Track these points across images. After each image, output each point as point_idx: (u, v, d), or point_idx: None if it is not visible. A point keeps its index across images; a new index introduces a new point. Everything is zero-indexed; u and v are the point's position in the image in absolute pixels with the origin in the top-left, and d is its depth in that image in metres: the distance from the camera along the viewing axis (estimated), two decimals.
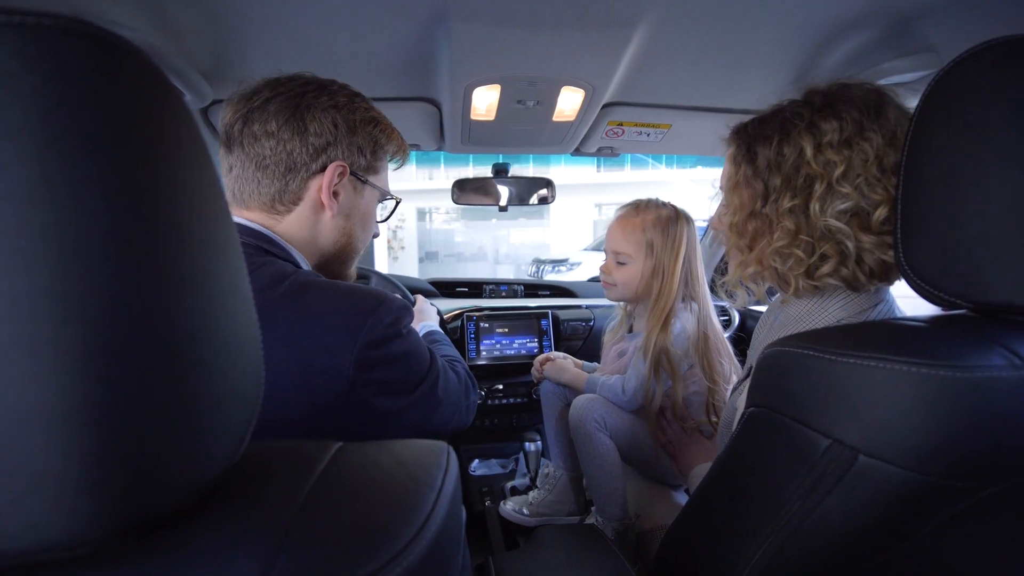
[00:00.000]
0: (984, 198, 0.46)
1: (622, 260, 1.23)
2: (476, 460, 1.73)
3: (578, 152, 1.50)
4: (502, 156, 1.71)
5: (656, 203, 1.25)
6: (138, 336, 0.24)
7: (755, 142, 0.74)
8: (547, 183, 1.70)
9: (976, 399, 0.43)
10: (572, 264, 8.50)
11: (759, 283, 0.78)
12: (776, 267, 0.72)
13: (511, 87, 1.06)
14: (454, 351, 0.97)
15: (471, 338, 1.69)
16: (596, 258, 8.59)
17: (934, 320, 0.51)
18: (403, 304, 0.72)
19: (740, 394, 0.76)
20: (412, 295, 1.27)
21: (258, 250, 0.71)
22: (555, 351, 1.73)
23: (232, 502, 0.30)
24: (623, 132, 1.34)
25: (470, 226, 14.86)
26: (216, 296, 0.28)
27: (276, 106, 0.72)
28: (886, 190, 0.65)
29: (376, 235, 0.90)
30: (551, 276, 8.09)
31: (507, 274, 13.03)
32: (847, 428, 0.47)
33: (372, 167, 0.80)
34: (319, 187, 0.74)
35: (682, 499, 1.23)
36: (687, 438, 1.18)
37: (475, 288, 2.08)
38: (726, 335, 1.30)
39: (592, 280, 2.33)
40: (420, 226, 14.20)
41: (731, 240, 0.79)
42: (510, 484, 1.56)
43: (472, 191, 1.69)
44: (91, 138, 0.22)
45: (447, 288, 2.07)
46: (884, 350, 0.46)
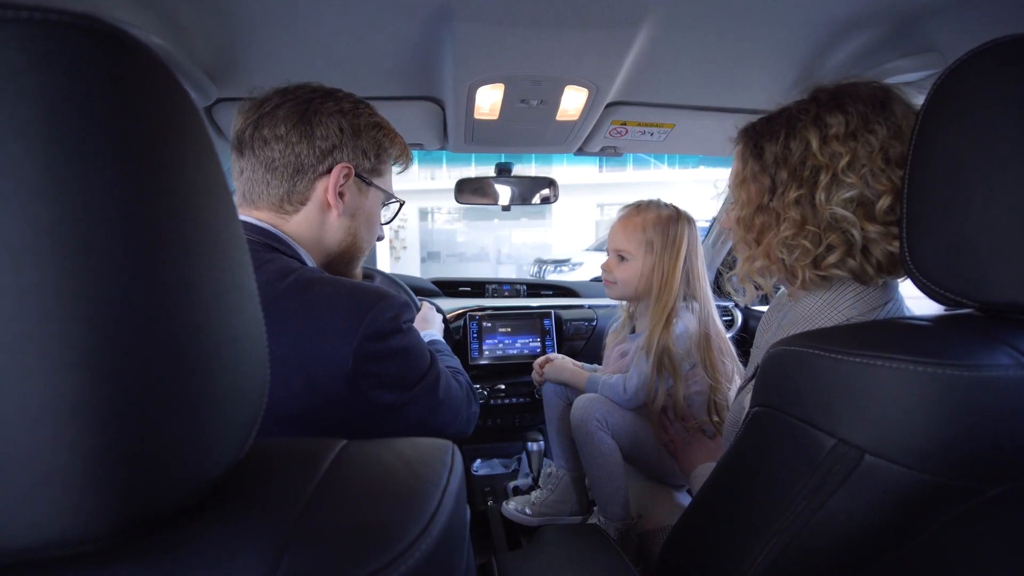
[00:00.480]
0: (989, 197, 0.46)
1: (623, 256, 1.24)
2: (478, 460, 1.73)
3: (581, 152, 1.50)
4: (504, 156, 1.71)
5: (658, 203, 1.26)
6: (145, 333, 0.24)
7: (762, 138, 0.76)
8: (550, 183, 1.70)
9: (982, 398, 0.43)
10: (574, 264, 8.49)
11: (767, 277, 0.79)
12: (783, 259, 0.73)
13: (515, 86, 1.06)
14: (457, 362, 0.98)
15: (474, 337, 1.69)
16: (598, 258, 8.55)
17: (940, 319, 0.51)
18: (404, 301, 0.73)
19: (747, 393, 0.77)
20: (418, 300, 1.27)
21: (265, 247, 0.73)
22: (556, 352, 1.73)
23: (237, 500, 0.30)
24: (626, 132, 1.34)
25: (472, 226, 14.86)
26: (222, 294, 0.28)
27: (285, 111, 0.75)
28: (890, 180, 0.66)
29: (381, 237, 0.91)
30: (553, 276, 8.08)
31: (509, 274, 13.04)
32: (853, 427, 0.47)
33: (376, 170, 0.83)
34: (325, 188, 0.77)
35: (684, 499, 1.22)
36: (689, 437, 1.18)
37: (478, 288, 2.08)
38: (728, 335, 1.30)
39: (595, 280, 2.32)
40: (422, 226, 14.21)
41: (739, 235, 0.80)
42: (512, 484, 1.56)
43: (475, 191, 1.69)
44: (98, 135, 0.22)
45: (450, 288, 2.06)
46: (890, 349, 0.46)
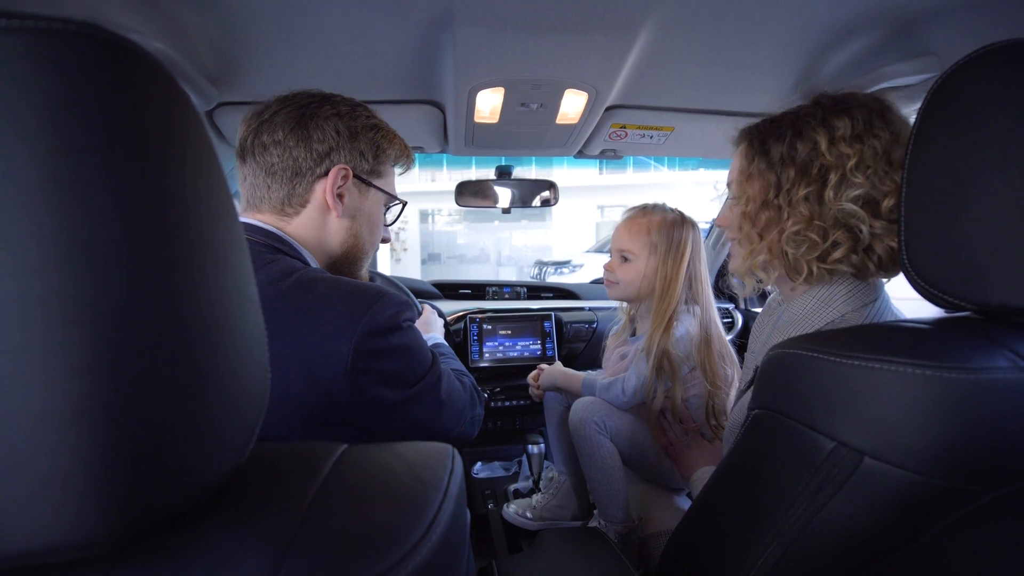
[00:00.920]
0: (986, 200, 0.46)
1: (627, 257, 1.24)
2: (479, 463, 1.73)
3: (581, 155, 1.51)
4: (504, 158, 1.72)
5: (663, 207, 1.27)
6: (147, 338, 0.24)
7: (768, 138, 0.79)
8: (550, 185, 1.70)
9: (980, 401, 0.43)
10: (575, 266, 8.49)
11: (768, 271, 0.82)
12: (790, 252, 0.76)
13: (514, 90, 1.06)
14: (460, 365, 0.99)
15: (474, 340, 1.69)
16: (599, 260, 8.55)
17: (938, 322, 0.51)
18: (404, 300, 0.75)
19: (747, 398, 0.76)
20: (419, 303, 1.28)
21: (269, 248, 0.74)
22: (556, 355, 1.73)
23: (239, 503, 0.30)
24: (626, 135, 1.34)
25: (472, 228, 14.87)
26: (223, 298, 0.28)
27: (282, 117, 0.77)
28: (894, 181, 0.70)
29: (386, 239, 0.92)
30: (554, 278, 8.09)
31: (509, 276, 13.03)
32: (852, 430, 0.47)
33: (376, 171, 0.84)
34: (324, 190, 0.78)
35: (684, 503, 1.22)
36: (688, 441, 1.18)
37: (478, 290, 2.08)
38: (728, 337, 1.30)
39: (595, 282, 2.32)
40: (422, 228, 14.22)
41: (742, 230, 0.83)
42: (513, 487, 1.56)
43: (475, 193, 1.70)
44: (102, 142, 0.23)
45: (450, 290, 2.07)
46: (889, 352, 0.46)
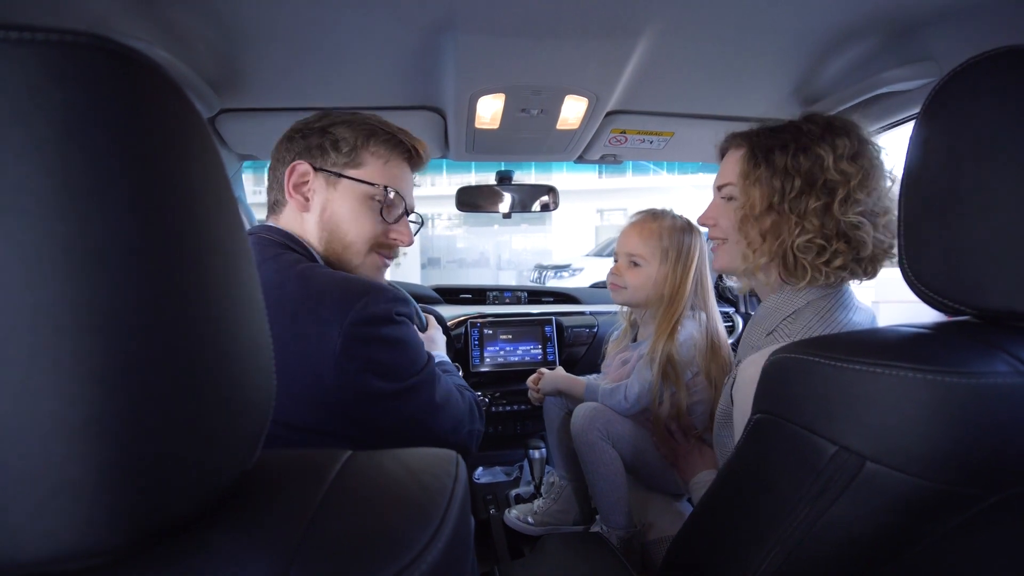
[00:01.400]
0: (986, 205, 0.46)
1: (637, 262, 1.23)
2: (480, 468, 1.73)
3: (581, 160, 1.51)
4: (504, 164, 1.72)
5: (671, 213, 1.26)
6: (156, 346, 0.24)
7: (773, 147, 0.84)
8: (550, 190, 1.71)
9: (981, 405, 0.43)
10: (575, 270, 8.49)
11: (768, 272, 0.87)
12: (799, 257, 0.82)
13: (515, 96, 1.07)
14: (463, 382, 1.00)
15: (475, 345, 1.69)
16: (598, 263, 8.57)
17: (939, 327, 0.52)
18: (400, 296, 0.77)
19: (730, 387, 0.86)
20: (424, 318, 1.28)
21: (279, 244, 0.81)
22: (558, 359, 1.73)
23: (245, 510, 0.30)
24: (626, 140, 1.35)
25: (472, 232, 14.87)
26: (231, 306, 0.28)
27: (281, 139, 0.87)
28: (890, 199, 0.79)
29: (400, 241, 0.91)
30: (553, 282, 8.08)
31: (509, 280, 13.03)
32: (854, 434, 0.48)
33: (355, 162, 0.85)
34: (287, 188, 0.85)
35: (686, 509, 1.22)
36: (690, 447, 1.18)
37: (479, 295, 2.08)
38: (730, 341, 1.30)
39: (595, 286, 2.32)
40: (422, 232, 14.06)
41: (742, 231, 0.87)
42: (514, 492, 1.55)
43: (476, 199, 1.70)
44: (112, 151, 0.23)
45: (451, 295, 2.07)
46: (890, 356, 0.46)
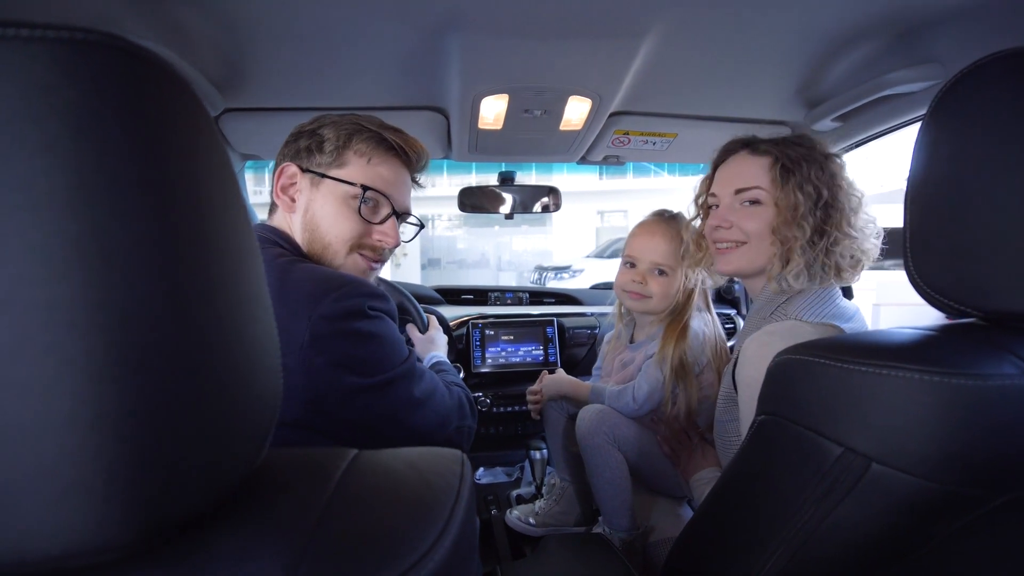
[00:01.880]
0: (992, 207, 0.46)
1: (664, 270, 1.19)
2: (481, 468, 1.73)
3: (584, 161, 1.51)
4: (505, 164, 1.72)
5: (679, 214, 1.23)
6: (167, 344, 0.24)
7: (798, 157, 0.91)
8: (552, 191, 1.71)
9: (988, 407, 0.43)
10: (575, 271, 8.50)
11: (799, 276, 0.91)
12: (834, 261, 0.89)
13: (519, 96, 1.07)
14: (458, 379, 1.00)
15: (476, 345, 1.69)
16: (599, 265, 8.58)
17: (946, 329, 0.52)
18: (375, 291, 0.77)
19: (731, 370, 0.92)
20: (426, 318, 1.28)
21: (266, 240, 0.82)
22: (559, 360, 1.73)
23: (253, 508, 0.30)
24: (629, 141, 1.35)
25: (472, 233, 14.88)
26: (240, 304, 0.28)
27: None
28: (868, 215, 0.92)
29: (385, 242, 0.88)
30: (554, 283, 8.09)
31: (509, 281, 13.04)
32: (860, 436, 0.47)
33: (340, 162, 0.84)
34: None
35: (688, 511, 1.22)
36: (693, 445, 1.18)
37: (480, 295, 2.08)
38: (730, 343, 1.30)
39: (595, 287, 2.32)
40: (422, 233, 14.10)
41: (776, 234, 0.91)
42: (515, 493, 1.55)
43: (478, 199, 1.70)
44: (124, 148, 0.23)
45: (452, 295, 2.07)
46: (896, 358, 0.46)
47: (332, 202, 0.84)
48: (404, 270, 13.39)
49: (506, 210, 1.69)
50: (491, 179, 1.70)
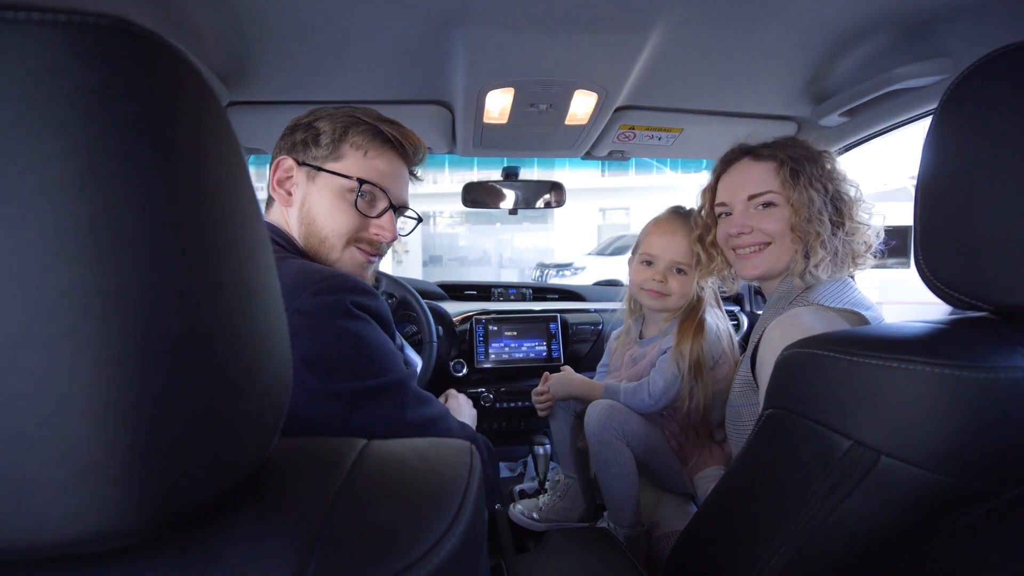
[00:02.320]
0: (1003, 201, 0.46)
1: (683, 269, 1.19)
2: (481, 471, 1.73)
3: (589, 156, 1.51)
4: (507, 160, 1.72)
5: (692, 211, 1.22)
6: (180, 329, 0.24)
7: (800, 158, 0.94)
8: (556, 186, 1.70)
9: (998, 400, 0.43)
10: (577, 268, 8.50)
11: (823, 269, 0.94)
12: (841, 252, 0.93)
13: (524, 90, 1.06)
14: (483, 439, 0.93)
15: (479, 341, 1.69)
16: (601, 262, 8.58)
17: (955, 322, 0.51)
18: (362, 287, 0.73)
19: (750, 355, 0.95)
20: (432, 326, 1.26)
21: None
22: (562, 356, 1.72)
23: (264, 498, 0.30)
24: (635, 136, 1.35)
25: (474, 230, 14.88)
26: (251, 293, 0.28)
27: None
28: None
29: (381, 236, 0.87)
30: (556, 280, 8.10)
31: (511, 278, 13.03)
32: (869, 429, 0.47)
33: (336, 155, 0.83)
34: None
35: (694, 509, 1.22)
36: (700, 443, 1.18)
37: (483, 291, 2.08)
38: (736, 338, 1.30)
39: (598, 284, 2.32)
40: (424, 230, 14.22)
41: (796, 232, 0.93)
42: (519, 487, 1.56)
43: (481, 195, 1.69)
44: (135, 134, 0.23)
45: (455, 291, 2.07)
46: (906, 351, 0.46)
47: (328, 196, 0.83)
48: (405, 267, 13.41)
49: (509, 205, 1.69)
50: (493, 175, 1.70)
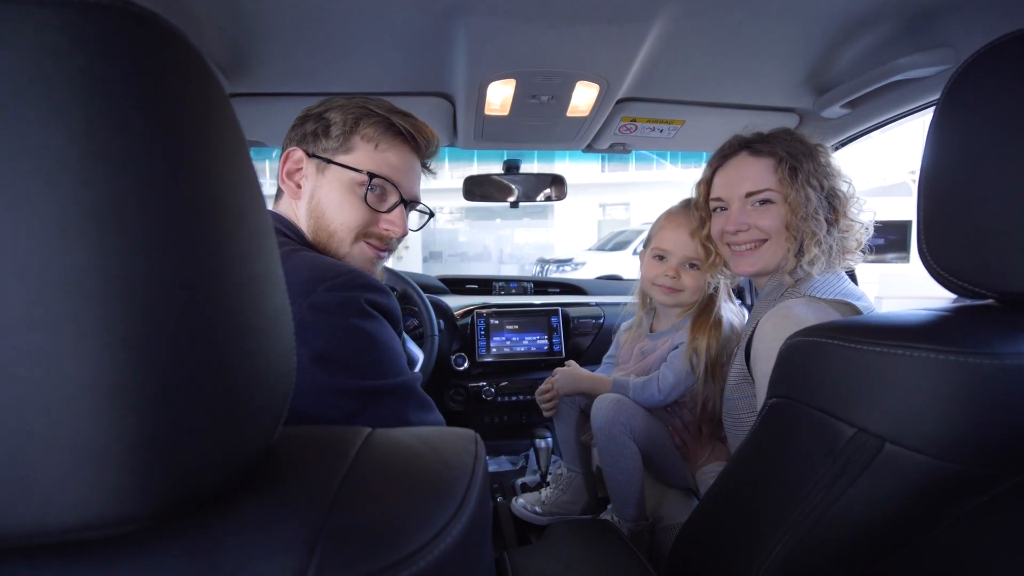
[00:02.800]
0: (1008, 189, 0.46)
1: (695, 264, 1.18)
2: (486, 457, 1.73)
3: (590, 148, 1.50)
4: (507, 153, 1.71)
5: None
6: (183, 314, 0.24)
7: (796, 153, 0.93)
8: (557, 180, 1.70)
9: (1002, 386, 0.43)
10: (577, 264, 8.49)
11: (815, 264, 0.93)
12: (835, 248, 0.93)
13: (526, 82, 1.06)
14: None
15: (481, 335, 1.69)
16: (601, 258, 8.57)
17: (959, 309, 0.51)
18: (375, 284, 0.71)
19: (744, 348, 0.95)
20: (435, 320, 1.25)
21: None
22: (563, 350, 1.72)
23: (269, 484, 0.30)
24: (636, 128, 1.34)
25: (474, 226, 14.87)
26: (254, 279, 0.28)
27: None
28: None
29: (390, 231, 0.86)
30: (556, 276, 8.08)
31: (512, 274, 13.03)
32: (872, 417, 0.47)
33: (346, 147, 0.82)
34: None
35: (696, 502, 1.22)
36: (704, 439, 1.18)
37: (485, 285, 2.08)
38: None
39: (601, 278, 2.32)
40: (424, 226, 14.18)
41: (791, 229, 0.93)
42: (520, 481, 1.56)
43: (483, 188, 1.69)
44: (136, 116, 0.22)
45: (457, 285, 2.07)
46: (910, 338, 0.46)
47: (338, 189, 0.82)
48: (406, 263, 13.41)
49: (512, 198, 1.69)
50: (493, 169, 1.69)
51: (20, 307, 0.21)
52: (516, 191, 1.69)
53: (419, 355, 1.35)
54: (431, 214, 0.99)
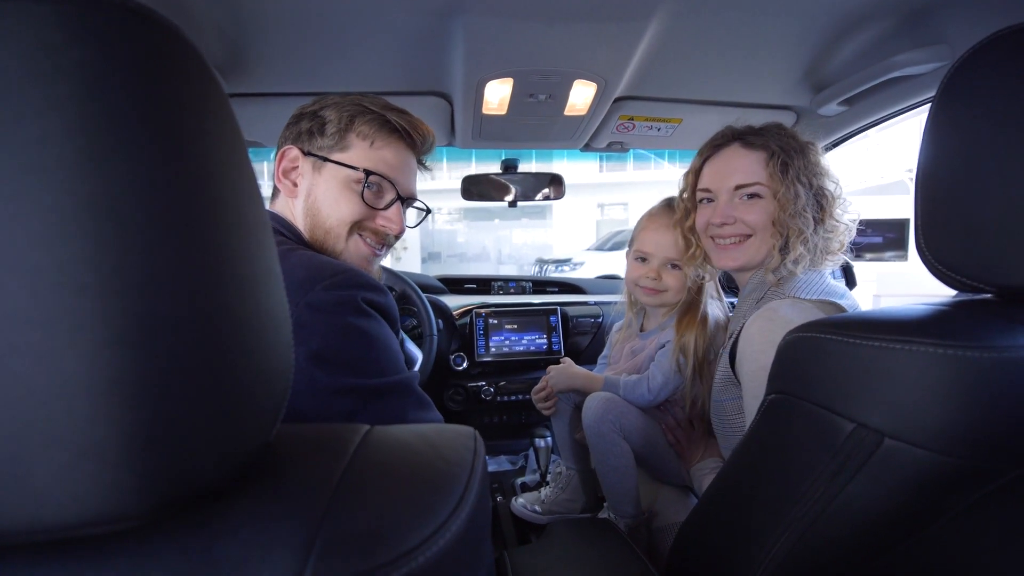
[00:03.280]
0: (1005, 184, 0.46)
1: (677, 264, 1.18)
2: (486, 456, 1.73)
3: (588, 147, 1.50)
4: (505, 153, 1.71)
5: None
6: (180, 310, 0.24)
7: (788, 149, 0.92)
8: (556, 179, 1.70)
9: (1002, 379, 0.43)
10: (575, 264, 8.49)
11: (799, 263, 0.93)
12: (820, 247, 0.92)
13: (523, 81, 1.06)
14: None
15: (480, 334, 1.69)
16: (599, 258, 8.57)
17: (958, 303, 0.51)
18: (372, 283, 0.71)
19: (728, 350, 0.95)
20: (433, 320, 1.25)
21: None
22: (563, 349, 1.72)
23: (267, 480, 0.30)
24: (634, 127, 1.34)
25: (472, 226, 14.86)
26: (253, 275, 0.28)
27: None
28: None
29: (387, 228, 0.86)
30: (555, 276, 8.07)
31: (511, 274, 13.03)
32: (872, 411, 0.47)
33: (341, 145, 0.82)
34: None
35: (694, 501, 1.22)
36: (697, 436, 1.18)
37: (483, 285, 2.08)
38: None
39: (600, 278, 2.32)
40: (422, 226, 14.09)
41: (777, 225, 0.93)
42: (520, 480, 1.56)
43: (481, 188, 1.69)
44: (133, 111, 0.22)
45: (456, 285, 2.07)
46: (909, 332, 0.46)
47: (334, 187, 0.82)
48: (404, 264, 13.39)
49: (510, 198, 1.68)
50: (491, 169, 1.69)
51: (17, 303, 0.20)
52: (514, 190, 1.69)
53: (418, 355, 1.35)
54: (428, 211, 0.98)
